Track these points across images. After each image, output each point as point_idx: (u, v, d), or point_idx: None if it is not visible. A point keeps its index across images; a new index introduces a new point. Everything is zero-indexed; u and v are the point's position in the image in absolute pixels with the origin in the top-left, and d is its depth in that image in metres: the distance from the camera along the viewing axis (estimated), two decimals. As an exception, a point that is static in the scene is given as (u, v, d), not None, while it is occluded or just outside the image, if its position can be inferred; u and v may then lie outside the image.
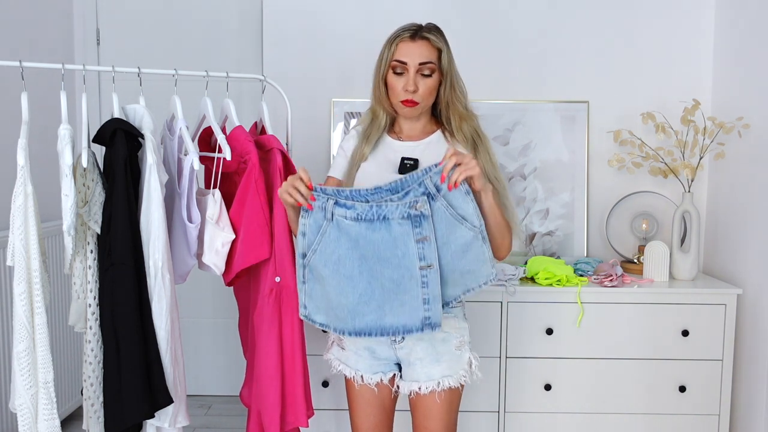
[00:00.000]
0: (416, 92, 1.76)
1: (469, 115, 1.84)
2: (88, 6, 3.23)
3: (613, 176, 2.84)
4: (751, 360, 2.45)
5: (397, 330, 1.67)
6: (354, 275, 1.65)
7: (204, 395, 3.42)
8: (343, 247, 1.65)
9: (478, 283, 1.70)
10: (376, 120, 1.85)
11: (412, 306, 1.65)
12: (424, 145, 1.83)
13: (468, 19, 2.84)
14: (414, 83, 1.75)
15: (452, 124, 1.83)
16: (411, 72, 1.75)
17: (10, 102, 2.19)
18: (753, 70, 2.51)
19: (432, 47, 1.76)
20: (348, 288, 1.65)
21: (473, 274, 1.69)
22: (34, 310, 1.67)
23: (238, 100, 2.14)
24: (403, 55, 1.75)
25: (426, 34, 1.77)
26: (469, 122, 1.83)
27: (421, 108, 1.80)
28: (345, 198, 1.65)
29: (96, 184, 1.77)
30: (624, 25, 2.83)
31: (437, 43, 1.77)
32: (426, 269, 1.63)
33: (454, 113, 1.82)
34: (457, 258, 1.66)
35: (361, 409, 1.87)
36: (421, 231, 1.63)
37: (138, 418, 1.75)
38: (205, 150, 2.03)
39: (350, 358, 1.84)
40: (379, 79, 1.81)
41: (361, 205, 1.63)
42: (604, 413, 2.44)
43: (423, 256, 1.63)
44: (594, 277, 2.51)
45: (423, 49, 1.75)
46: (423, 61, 1.75)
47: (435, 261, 1.63)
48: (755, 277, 2.45)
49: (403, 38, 1.76)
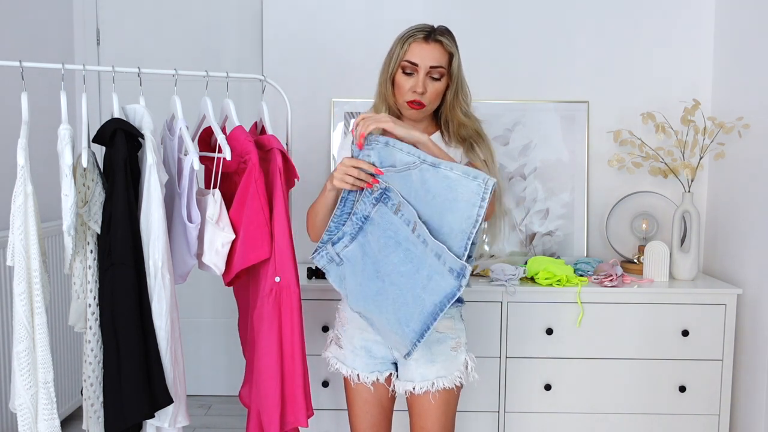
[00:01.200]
0: (424, 94, 1.75)
1: (468, 121, 1.83)
2: (88, 6, 3.23)
3: (613, 176, 2.84)
4: (751, 360, 2.45)
5: (443, 302, 1.60)
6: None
7: (204, 395, 3.42)
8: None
9: (470, 213, 1.59)
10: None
11: (438, 280, 1.60)
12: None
13: (468, 19, 2.84)
14: (423, 85, 1.74)
15: (450, 128, 1.83)
16: (421, 74, 1.74)
17: (10, 102, 2.19)
18: (753, 70, 2.51)
19: (444, 51, 1.75)
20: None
21: (460, 211, 1.59)
22: (34, 310, 1.67)
23: (238, 100, 2.14)
24: (415, 56, 1.74)
25: (439, 36, 1.75)
26: (467, 127, 1.82)
27: (427, 111, 1.80)
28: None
29: (96, 184, 1.77)
30: (624, 25, 2.83)
31: (450, 47, 1.76)
32: (416, 228, 1.63)
33: (454, 118, 1.82)
34: (433, 204, 1.61)
35: (358, 407, 1.87)
36: (393, 202, 1.64)
37: (138, 418, 1.75)
38: (205, 150, 2.02)
39: (347, 357, 1.85)
40: (386, 77, 1.79)
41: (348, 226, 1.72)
42: (604, 413, 2.44)
43: (408, 221, 1.64)
44: (594, 277, 2.51)
45: (435, 52, 1.74)
46: (434, 65, 1.74)
47: (416, 218, 1.62)
48: (755, 277, 2.45)
49: (416, 38, 1.74)
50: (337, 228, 1.74)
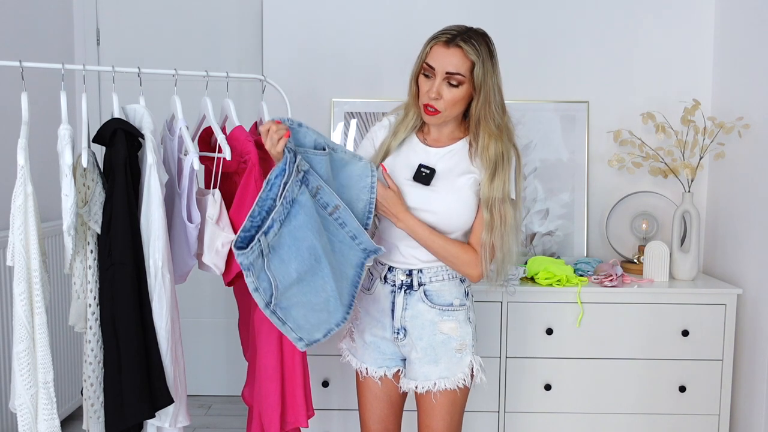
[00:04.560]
0: (438, 100, 1.68)
1: (500, 134, 1.72)
2: (88, 6, 3.23)
3: (613, 176, 2.84)
4: (751, 360, 2.45)
5: (358, 272, 1.72)
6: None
7: (204, 395, 3.42)
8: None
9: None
10: (406, 118, 1.81)
11: (348, 253, 1.69)
12: (444, 152, 1.78)
13: (467, 18, 2.83)
14: (437, 91, 1.67)
15: (480, 141, 1.73)
16: (437, 79, 1.67)
17: (10, 102, 2.19)
18: (753, 70, 2.51)
19: (465, 58, 1.66)
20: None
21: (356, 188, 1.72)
22: (34, 310, 1.67)
23: (238, 100, 2.14)
24: (433, 60, 1.68)
25: (461, 43, 1.66)
26: (498, 142, 1.71)
27: (443, 117, 1.72)
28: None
29: (96, 184, 1.77)
30: (624, 25, 2.83)
31: (471, 54, 1.65)
32: (335, 212, 1.66)
33: (485, 131, 1.72)
34: (345, 184, 1.70)
35: (367, 401, 1.89)
36: (311, 184, 1.64)
37: (138, 418, 1.75)
38: (205, 150, 2.02)
39: (358, 350, 1.88)
40: (412, 77, 1.76)
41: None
42: (604, 413, 2.44)
43: (325, 204, 1.65)
44: (594, 277, 2.51)
45: (454, 58, 1.66)
46: (451, 71, 1.66)
47: (339, 201, 1.65)
48: (755, 277, 2.45)
49: (438, 42, 1.68)
50: (261, 213, 1.63)
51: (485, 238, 1.71)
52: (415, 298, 1.77)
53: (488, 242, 1.71)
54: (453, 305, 1.78)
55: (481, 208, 1.73)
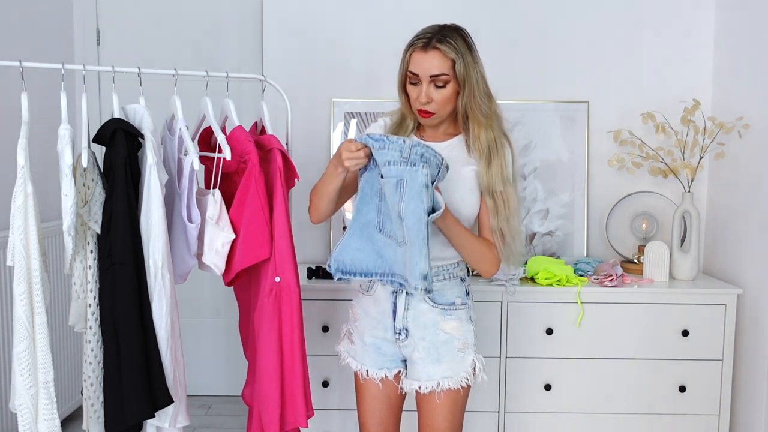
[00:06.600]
0: (430, 103, 1.72)
1: (489, 123, 1.76)
2: (88, 6, 3.23)
3: (613, 176, 2.84)
4: (751, 360, 2.45)
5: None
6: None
7: (204, 395, 3.42)
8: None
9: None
10: (404, 123, 1.83)
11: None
12: (444, 146, 1.80)
13: (467, 19, 2.82)
14: (427, 95, 1.70)
15: (471, 133, 1.78)
16: (424, 84, 1.70)
17: (10, 102, 2.19)
18: (753, 70, 2.51)
19: (445, 58, 1.68)
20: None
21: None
22: (34, 310, 1.67)
23: (238, 100, 2.14)
24: (416, 67, 1.70)
25: (438, 44, 1.68)
26: (488, 130, 1.76)
27: (439, 117, 1.76)
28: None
29: (96, 184, 1.77)
30: (624, 25, 2.83)
31: (450, 53, 1.68)
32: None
33: (474, 121, 1.76)
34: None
35: (367, 403, 1.88)
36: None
37: (138, 418, 1.75)
38: (205, 150, 2.02)
39: (357, 352, 1.87)
40: (399, 87, 1.79)
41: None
42: (604, 413, 2.44)
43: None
44: (594, 277, 2.51)
45: (435, 60, 1.68)
46: (435, 74, 1.69)
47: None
48: (755, 277, 2.45)
49: (416, 48, 1.71)
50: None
51: (494, 224, 1.75)
52: (417, 298, 1.77)
53: (497, 228, 1.75)
54: (455, 304, 1.78)
55: (484, 196, 1.77)
